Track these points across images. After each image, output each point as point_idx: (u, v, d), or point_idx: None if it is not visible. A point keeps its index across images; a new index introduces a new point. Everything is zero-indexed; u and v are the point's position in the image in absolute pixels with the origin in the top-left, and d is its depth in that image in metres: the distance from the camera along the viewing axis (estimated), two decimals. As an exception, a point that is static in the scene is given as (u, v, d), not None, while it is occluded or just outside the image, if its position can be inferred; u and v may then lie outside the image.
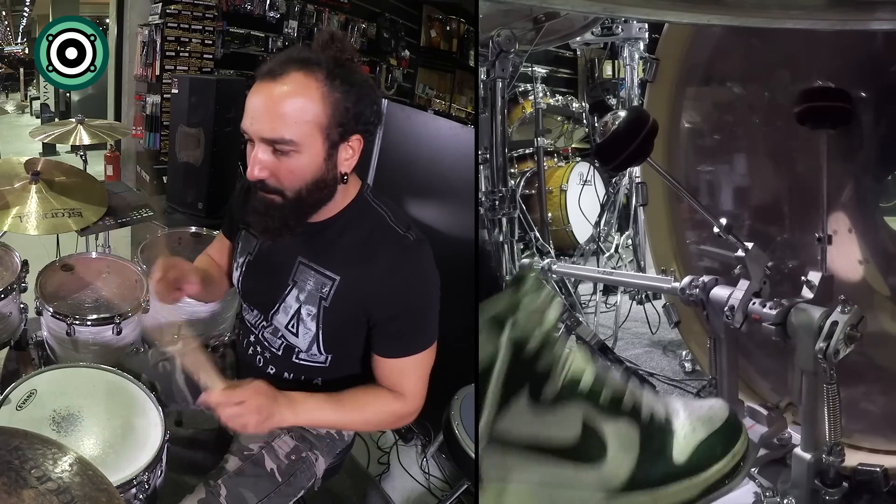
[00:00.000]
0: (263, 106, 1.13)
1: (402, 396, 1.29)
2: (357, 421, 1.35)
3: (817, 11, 0.77)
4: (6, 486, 0.78)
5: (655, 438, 0.82)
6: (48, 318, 1.95)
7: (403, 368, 1.28)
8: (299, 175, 1.16)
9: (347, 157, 1.20)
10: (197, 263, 1.56)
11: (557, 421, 0.79)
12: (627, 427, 0.82)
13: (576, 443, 0.80)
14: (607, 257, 3.27)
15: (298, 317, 1.31)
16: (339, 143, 1.17)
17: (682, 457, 0.82)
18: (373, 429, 1.68)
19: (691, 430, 0.83)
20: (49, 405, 1.38)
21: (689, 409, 0.86)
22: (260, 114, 1.13)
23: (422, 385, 1.31)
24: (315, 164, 1.16)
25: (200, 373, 1.20)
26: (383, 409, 1.30)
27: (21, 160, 2.20)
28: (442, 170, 2.46)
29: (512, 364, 0.78)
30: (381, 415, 1.31)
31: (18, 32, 12.90)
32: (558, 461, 0.79)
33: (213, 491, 1.29)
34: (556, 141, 4.45)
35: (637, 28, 3.27)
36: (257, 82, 1.15)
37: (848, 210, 1.52)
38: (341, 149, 1.19)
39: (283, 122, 1.12)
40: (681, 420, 0.84)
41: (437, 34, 6.88)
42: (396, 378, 1.29)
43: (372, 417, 1.32)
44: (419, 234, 1.28)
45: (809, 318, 1.14)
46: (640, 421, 0.83)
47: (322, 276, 1.28)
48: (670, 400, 0.88)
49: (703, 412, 0.86)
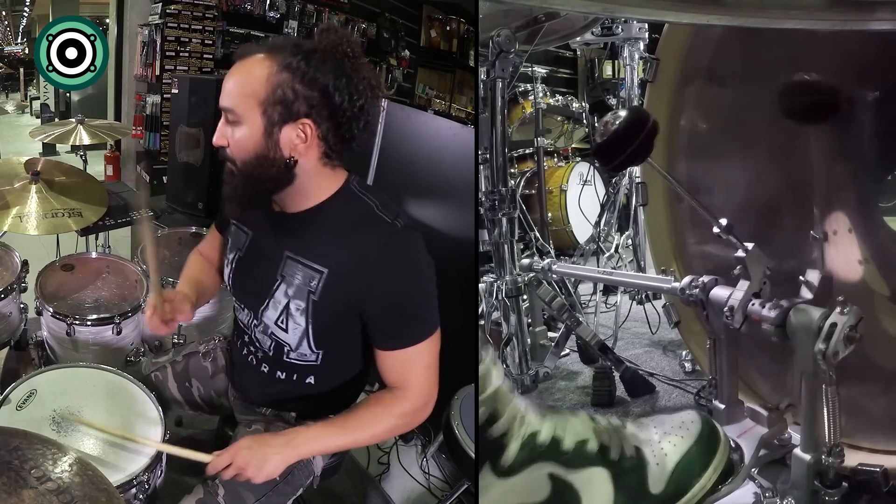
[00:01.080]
0: (226, 80, 1.24)
1: (406, 393, 1.27)
2: (364, 437, 1.32)
3: (817, 11, 0.77)
4: (6, 486, 0.78)
5: (629, 475, 0.80)
6: (48, 318, 1.95)
7: (405, 360, 1.27)
8: (242, 146, 1.22)
9: (297, 142, 1.22)
10: (188, 273, 1.57)
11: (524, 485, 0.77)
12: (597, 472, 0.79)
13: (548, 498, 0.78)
14: (607, 257, 3.27)
15: (287, 312, 1.30)
16: (279, 123, 1.20)
17: (660, 486, 0.79)
18: (385, 439, 1.70)
19: (664, 456, 0.81)
20: (49, 405, 1.38)
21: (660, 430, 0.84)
22: (224, 87, 1.23)
23: (428, 376, 1.28)
24: (254, 138, 1.21)
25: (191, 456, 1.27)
26: (389, 416, 1.28)
27: (21, 160, 2.20)
28: (442, 170, 2.46)
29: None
30: (388, 422, 1.28)
31: (18, 32, 12.91)
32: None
33: (211, 491, 1.29)
34: (556, 141, 4.45)
35: (637, 28, 3.27)
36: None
37: (848, 210, 1.52)
38: (286, 130, 1.21)
39: (228, 93, 1.22)
40: (652, 446, 0.82)
41: (437, 34, 6.88)
42: (400, 371, 1.28)
43: (379, 430, 1.30)
44: (408, 222, 1.27)
45: (809, 319, 1.14)
46: (610, 462, 0.80)
47: (309, 270, 1.27)
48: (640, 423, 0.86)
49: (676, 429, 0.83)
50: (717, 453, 0.83)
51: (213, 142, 1.26)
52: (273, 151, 1.22)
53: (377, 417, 1.28)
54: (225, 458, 1.23)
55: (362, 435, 1.30)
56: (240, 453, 1.22)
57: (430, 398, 1.29)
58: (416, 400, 1.28)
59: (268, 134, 1.21)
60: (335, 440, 1.30)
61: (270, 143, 1.21)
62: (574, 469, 0.79)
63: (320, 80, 1.19)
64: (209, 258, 1.59)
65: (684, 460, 0.81)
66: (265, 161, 1.22)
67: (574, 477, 0.78)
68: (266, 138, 1.21)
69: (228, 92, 1.22)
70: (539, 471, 0.78)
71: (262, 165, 1.22)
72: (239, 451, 1.23)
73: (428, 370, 1.28)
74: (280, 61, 1.20)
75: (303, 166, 1.24)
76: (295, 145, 1.22)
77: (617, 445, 0.81)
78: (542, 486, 0.78)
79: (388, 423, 1.28)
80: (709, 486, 0.81)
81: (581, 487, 0.78)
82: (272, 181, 1.24)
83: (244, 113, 1.21)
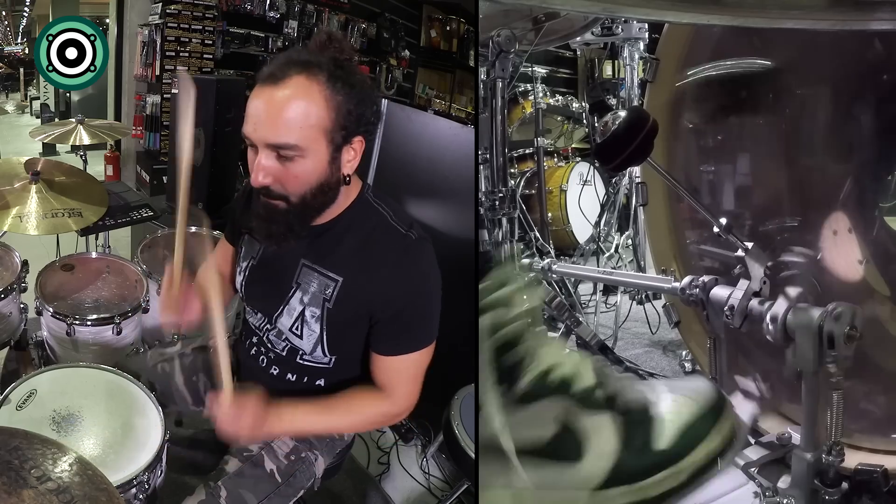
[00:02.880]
0: (266, 111, 1.11)
1: (390, 396, 1.30)
2: (345, 424, 1.39)
3: (817, 11, 0.77)
4: (6, 486, 0.78)
5: (635, 429, 0.80)
6: (48, 318, 1.95)
7: (397, 367, 1.29)
8: (304, 180, 1.15)
9: (350, 159, 1.20)
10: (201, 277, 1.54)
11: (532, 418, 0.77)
12: (605, 421, 0.79)
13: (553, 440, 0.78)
14: (607, 257, 3.27)
15: (302, 319, 1.31)
16: (342, 146, 1.17)
17: (665, 443, 0.79)
18: (362, 430, 1.74)
19: (674, 415, 0.80)
20: (49, 405, 1.38)
21: (672, 391, 0.83)
22: (263, 119, 1.11)
23: (414, 385, 1.31)
24: (320, 168, 1.15)
25: (222, 370, 1.20)
26: (371, 411, 1.32)
27: (21, 160, 2.20)
28: (442, 170, 2.46)
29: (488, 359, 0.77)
30: (369, 417, 1.34)
31: (18, 32, 12.91)
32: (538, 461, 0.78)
33: (213, 492, 1.29)
34: (556, 141, 4.45)
35: (637, 28, 3.27)
36: (258, 86, 1.14)
37: (848, 210, 1.52)
38: (344, 151, 1.18)
39: (288, 128, 1.10)
40: (662, 405, 0.82)
41: (437, 34, 6.87)
42: (390, 376, 1.30)
43: (360, 420, 1.35)
44: (421, 233, 1.28)
45: (809, 319, 1.14)
46: (618, 412, 0.80)
47: (325, 278, 1.28)
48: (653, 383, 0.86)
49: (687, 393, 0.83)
50: (725, 421, 0.82)
51: (258, 182, 1.14)
52: (335, 176, 1.18)
53: (361, 409, 1.32)
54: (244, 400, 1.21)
55: (345, 420, 1.35)
56: (257, 404, 1.21)
57: (410, 404, 1.33)
58: (398, 404, 1.32)
59: (332, 160, 1.16)
60: (319, 421, 1.33)
61: (333, 169, 1.17)
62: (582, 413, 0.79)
63: (360, 94, 1.16)
64: (221, 269, 1.56)
65: (694, 421, 0.81)
66: (325, 188, 1.18)
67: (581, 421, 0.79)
68: (331, 165, 1.16)
69: (286, 126, 1.10)
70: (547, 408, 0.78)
71: (323, 193, 1.18)
72: (258, 401, 1.21)
73: (414, 380, 1.31)
74: (327, 81, 1.12)
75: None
76: (350, 163, 1.19)
77: (626, 397, 0.82)
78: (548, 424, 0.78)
79: (369, 417, 1.34)
80: (713, 451, 0.80)
81: (586, 432, 0.79)
82: (325, 206, 1.22)
83: (309, 146, 1.12)
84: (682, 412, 0.81)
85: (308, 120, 1.11)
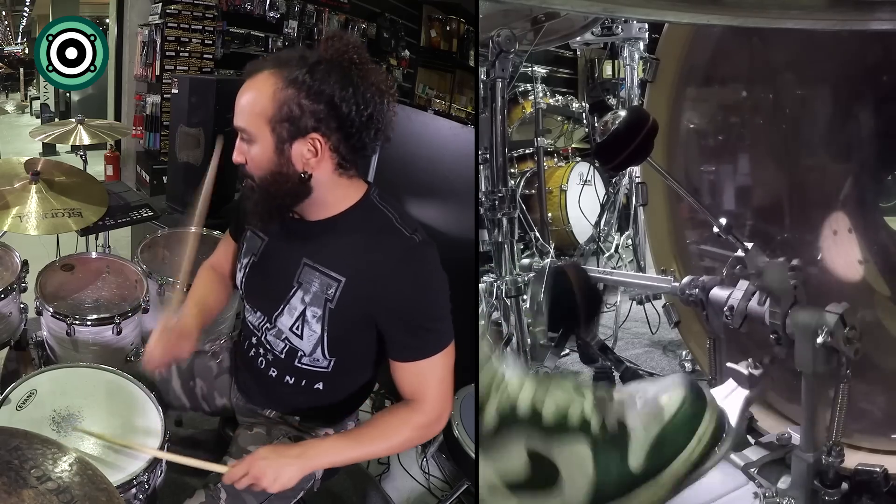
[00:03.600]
0: (237, 100, 1.26)
1: (421, 405, 1.27)
2: (380, 449, 1.34)
3: (817, 11, 0.77)
4: (6, 486, 0.78)
5: (610, 450, 0.77)
6: (48, 318, 1.95)
7: (420, 372, 1.26)
8: (258, 163, 1.25)
9: (308, 157, 1.22)
10: (195, 290, 1.55)
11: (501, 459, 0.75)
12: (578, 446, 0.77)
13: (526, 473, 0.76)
14: (607, 257, 3.27)
15: (303, 319, 1.30)
16: (289, 139, 1.21)
17: (639, 460, 0.77)
18: (402, 450, 1.71)
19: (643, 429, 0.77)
20: (49, 405, 1.38)
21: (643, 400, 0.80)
22: (236, 107, 1.26)
23: (443, 388, 1.28)
24: (267, 155, 1.23)
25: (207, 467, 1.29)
26: (405, 428, 1.28)
27: (21, 160, 2.20)
28: (442, 170, 2.46)
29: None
30: (404, 434, 1.28)
31: (18, 32, 12.91)
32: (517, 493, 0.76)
33: (213, 495, 1.29)
34: (556, 141, 4.44)
35: (637, 28, 3.27)
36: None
37: (848, 210, 1.52)
38: (297, 145, 1.21)
39: (241, 113, 1.24)
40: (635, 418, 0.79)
41: (437, 34, 6.87)
42: (415, 383, 1.28)
43: (395, 442, 1.29)
44: (426, 237, 1.28)
45: (808, 319, 1.14)
46: (591, 435, 0.77)
47: (328, 278, 1.28)
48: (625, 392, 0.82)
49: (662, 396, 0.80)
50: (703, 420, 0.79)
51: (234, 159, 1.28)
52: (286, 167, 1.23)
53: (393, 429, 1.28)
54: (241, 468, 1.21)
55: (378, 447, 1.31)
56: (256, 464, 1.21)
57: (444, 410, 1.29)
58: (430, 412, 1.28)
59: (279, 151, 1.22)
60: (351, 452, 1.29)
61: (283, 160, 1.23)
62: (553, 442, 0.76)
63: (326, 93, 1.19)
64: (221, 269, 1.57)
65: (666, 432, 0.78)
66: (279, 177, 1.24)
67: (553, 451, 0.76)
68: (278, 155, 1.23)
69: (240, 111, 1.24)
70: (517, 444, 0.76)
71: (277, 181, 1.24)
72: (255, 461, 1.21)
73: (442, 383, 1.28)
74: (285, 77, 1.20)
75: (318, 178, 1.25)
76: (307, 160, 1.22)
77: (599, 418, 0.79)
78: (520, 459, 0.76)
79: (403, 435, 1.28)
80: (694, 457, 0.78)
81: (560, 462, 0.76)
82: (289, 195, 1.26)
83: (255, 131, 1.23)
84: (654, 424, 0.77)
85: (254, 108, 1.22)
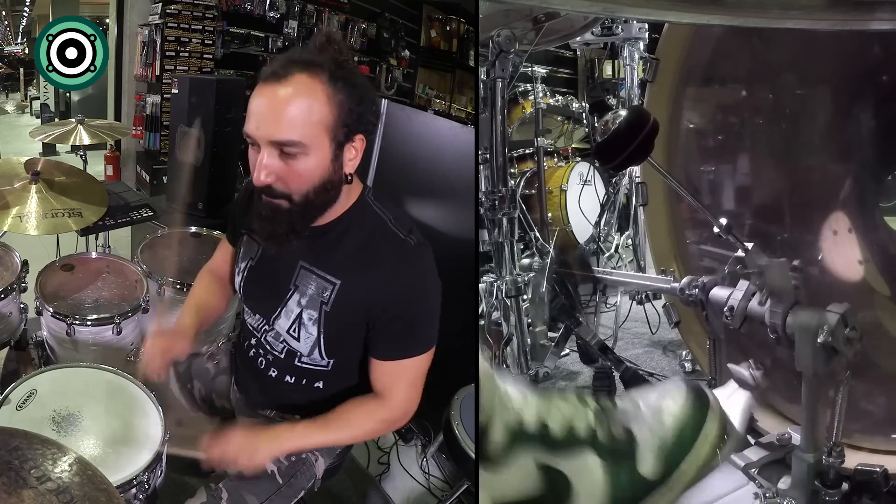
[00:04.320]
0: (269, 108, 1.12)
1: (388, 402, 1.30)
2: (345, 437, 1.38)
3: (817, 11, 0.77)
4: (6, 486, 0.78)
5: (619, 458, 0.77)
6: (48, 318, 1.95)
7: (394, 372, 1.29)
8: (307, 178, 1.16)
9: (352, 158, 1.21)
10: (194, 292, 1.55)
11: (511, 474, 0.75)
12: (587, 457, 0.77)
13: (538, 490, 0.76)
14: (607, 257, 3.27)
15: (300, 321, 1.30)
16: (344, 144, 1.18)
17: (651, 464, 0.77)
18: (364, 440, 1.76)
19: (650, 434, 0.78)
20: (49, 405, 1.38)
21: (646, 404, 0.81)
22: (266, 117, 1.13)
23: (413, 391, 1.31)
24: (323, 165, 1.16)
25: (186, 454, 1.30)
26: (369, 420, 1.32)
27: (21, 160, 2.20)
28: (442, 170, 2.46)
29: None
30: (368, 426, 1.34)
31: (18, 32, 12.90)
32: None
33: (214, 494, 1.30)
34: (556, 141, 4.44)
35: (637, 28, 3.27)
36: (260, 85, 1.14)
37: (848, 210, 1.52)
38: (346, 149, 1.19)
39: (291, 125, 1.11)
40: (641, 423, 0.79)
41: (437, 34, 6.87)
42: (388, 381, 1.30)
43: (359, 431, 1.35)
44: (420, 238, 1.28)
45: (808, 319, 1.14)
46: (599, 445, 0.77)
47: (323, 281, 1.28)
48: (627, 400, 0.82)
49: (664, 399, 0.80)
50: (707, 419, 0.79)
51: (260, 181, 1.14)
52: (338, 174, 1.19)
53: (359, 420, 1.32)
54: (217, 448, 1.24)
55: (343, 434, 1.35)
56: (231, 443, 1.24)
57: (409, 410, 1.33)
58: (396, 410, 1.31)
59: (335, 158, 1.17)
60: (318, 437, 1.33)
61: (336, 167, 1.18)
62: (563, 455, 0.76)
63: (359, 93, 1.18)
64: (220, 273, 1.57)
65: (673, 434, 0.78)
66: (328, 186, 1.18)
67: (564, 464, 0.76)
68: (334, 163, 1.17)
69: (290, 122, 1.11)
70: (527, 459, 0.76)
71: (326, 191, 1.19)
72: (230, 441, 1.24)
73: (412, 386, 1.31)
74: (330, 79, 1.13)
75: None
76: (351, 162, 1.20)
77: (605, 427, 0.79)
78: (532, 476, 0.76)
79: (367, 426, 1.34)
80: (701, 457, 0.78)
81: (572, 474, 0.76)
82: (328, 205, 1.22)
83: (312, 142, 1.13)
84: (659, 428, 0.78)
85: (311, 117, 1.12)
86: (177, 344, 1.40)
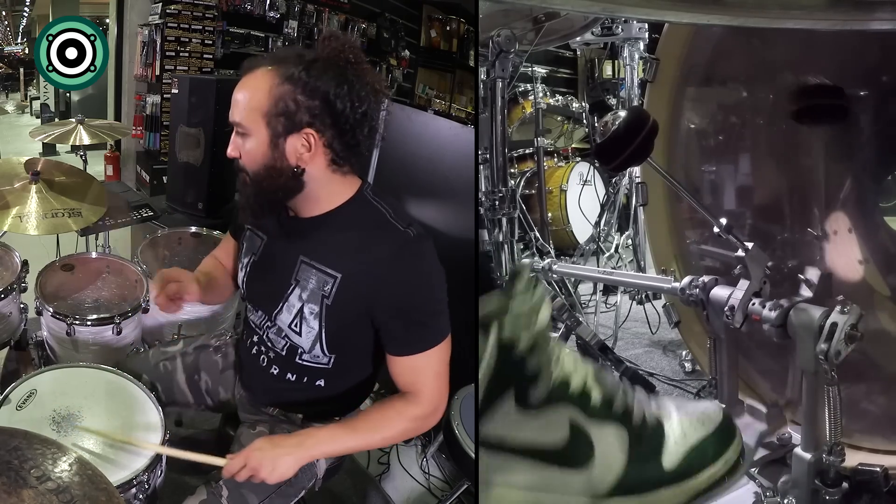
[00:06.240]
0: (234, 95, 1.28)
1: (417, 398, 1.28)
2: (376, 440, 1.34)
3: (817, 11, 0.77)
4: (6, 486, 0.78)
5: (646, 443, 0.81)
6: (48, 318, 1.95)
7: (416, 366, 1.28)
8: (252, 157, 1.27)
9: (302, 152, 1.24)
10: (201, 268, 1.58)
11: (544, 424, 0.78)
12: (617, 430, 0.80)
13: (563, 446, 0.79)
14: (607, 257, 3.27)
15: (301, 316, 1.31)
16: (283, 134, 1.23)
17: (673, 462, 0.80)
18: (396, 441, 1.72)
19: (682, 435, 0.82)
20: (49, 405, 1.38)
21: (682, 412, 0.85)
22: (233, 102, 1.28)
23: (439, 382, 1.29)
24: (261, 149, 1.25)
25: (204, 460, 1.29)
26: (400, 420, 1.28)
27: (21, 160, 2.20)
28: (442, 170, 2.45)
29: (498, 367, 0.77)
30: (400, 426, 1.29)
31: (18, 32, 12.90)
32: (544, 465, 0.78)
33: (214, 492, 1.29)
34: (556, 141, 4.44)
35: (637, 28, 3.27)
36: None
37: (848, 210, 1.52)
38: (291, 140, 1.24)
39: (236, 108, 1.27)
40: (672, 423, 0.83)
41: (437, 34, 6.87)
42: (411, 376, 1.29)
43: (390, 433, 1.31)
44: (420, 230, 1.28)
45: (809, 319, 1.14)
46: (631, 424, 0.81)
47: (323, 274, 1.28)
48: (663, 402, 0.86)
49: (696, 416, 0.85)
50: (731, 447, 0.83)
51: (228, 153, 1.30)
52: (280, 161, 1.25)
53: (389, 421, 1.29)
54: (239, 460, 1.23)
55: (374, 437, 1.32)
56: (253, 455, 1.23)
57: (440, 404, 1.30)
58: (426, 405, 1.29)
59: (273, 145, 1.25)
60: (347, 442, 1.30)
61: (277, 154, 1.25)
62: (596, 423, 0.80)
63: (321, 90, 1.22)
64: (224, 264, 1.60)
65: (702, 444, 0.82)
66: (273, 171, 1.26)
67: (594, 430, 0.80)
68: (272, 149, 1.25)
69: (236, 106, 1.26)
70: (561, 413, 0.79)
71: (270, 175, 1.26)
72: (252, 452, 1.23)
73: (437, 377, 1.29)
74: (282, 73, 1.23)
75: (311, 174, 1.27)
76: (300, 154, 1.25)
77: (640, 412, 0.83)
78: (560, 429, 0.79)
79: (399, 426, 1.29)
80: (717, 476, 0.82)
81: (597, 440, 0.79)
82: (282, 190, 1.28)
83: (250, 125, 1.25)
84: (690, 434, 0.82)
85: (249, 103, 1.25)
86: (188, 283, 1.44)
